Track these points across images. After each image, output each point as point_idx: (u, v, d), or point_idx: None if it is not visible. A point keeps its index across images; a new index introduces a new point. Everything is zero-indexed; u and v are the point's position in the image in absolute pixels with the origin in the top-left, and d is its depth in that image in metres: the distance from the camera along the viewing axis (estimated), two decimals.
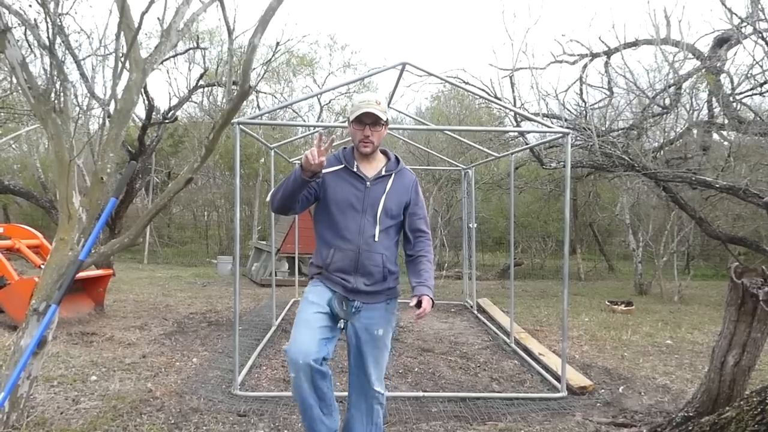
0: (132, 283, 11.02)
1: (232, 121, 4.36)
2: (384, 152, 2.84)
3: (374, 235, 2.66)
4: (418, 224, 2.83)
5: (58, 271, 3.32)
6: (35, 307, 3.32)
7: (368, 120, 2.62)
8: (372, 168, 2.74)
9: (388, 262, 2.72)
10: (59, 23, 3.33)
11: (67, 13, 3.57)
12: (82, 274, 5.95)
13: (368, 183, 2.68)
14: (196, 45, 9.91)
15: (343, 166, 2.70)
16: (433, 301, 2.67)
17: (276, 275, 8.80)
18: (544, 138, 7.57)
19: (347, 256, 2.66)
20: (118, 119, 3.46)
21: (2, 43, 3.18)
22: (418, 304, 2.65)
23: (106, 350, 5.66)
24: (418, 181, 2.87)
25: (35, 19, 3.38)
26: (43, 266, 4.58)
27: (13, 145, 16.68)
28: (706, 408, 3.29)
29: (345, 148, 2.79)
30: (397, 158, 2.83)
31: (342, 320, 2.67)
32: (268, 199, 2.60)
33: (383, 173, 2.72)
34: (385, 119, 2.64)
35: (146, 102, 10.10)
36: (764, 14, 7.68)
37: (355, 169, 2.70)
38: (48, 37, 3.25)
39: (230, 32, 3.65)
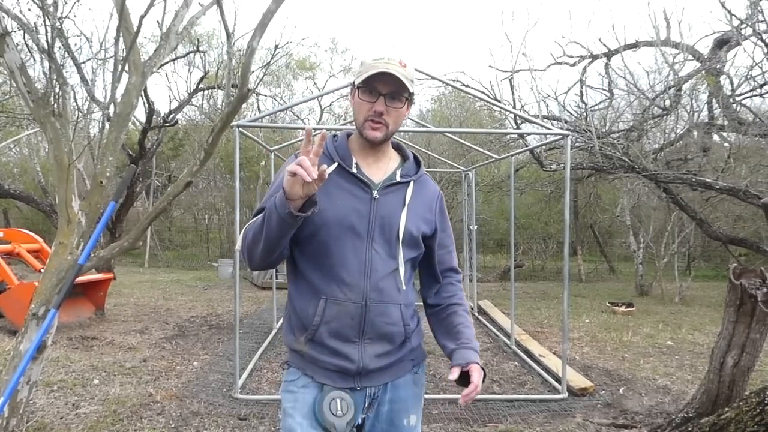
0: (133, 287, 11.02)
1: (232, 124, 4.37)
2: (398, 148, 1.82)
3: (391, 275, 1.66)
4: (449, 261, 1.83)
5: (57, 276, 3.32)
6: (35, 312, 3.32)
7: (385, 88, 1.62)
8: (379, 169, 1.72)
9: (409, 315, 1.72)
10: (59, 27, 3.34)
11: (66, 17, 3.58)
12: (82, 278, 5.97)
13: (375, 192, 1.66)
14: (195, 48, 9.94)
15: (335, 164, 1.67)
16: (485, 371, 1.67)
17: (277, 278, 8.79)
18: (544, 140, 7.57)
19: (346, 311, 1.62)
20: (118, 123, 3.47)
21: (1, 47, 3.19)
22: (464, 379, 1.63)
23: (107, 354, 5.66)
24: (443, 195, 1.87)
25: (35, 23, 3.39)
26: (43, 270, 4.59)
27: (14, 149, 16.72)
28: (706, 409, 3.29)
29: (335, 135, 1.78)
30: (416, 159, 1.81)
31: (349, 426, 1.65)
32: (238, 247, 1.69)
33: (398, 179, 1.70)
34: (411, 91, 1.65)
35: (146, 105, 10.13)
36: (763, 16, 7.69)
37: (353, 170, 1.67)
38: (47, 41, 3.26)
39: (229, 35, 3.66)
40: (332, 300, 1.62)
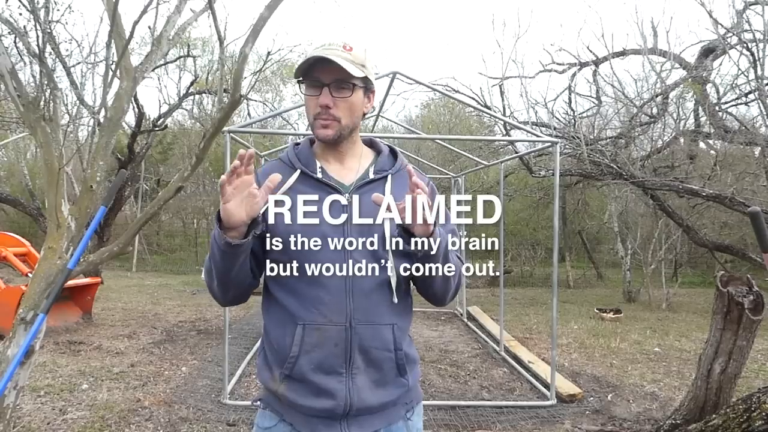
0: (120, 291, 10.94)
1: (223, 129, 4.37)
2: (371, 143, 1.64)
3: (379, 288, 1.45)
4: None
5: (46, 280, 3.30)
6: (23, 317, 3.30)
7: (328, 77, 1.43)
8: (349, 170, 1.53)
9: (403, 338, 1.50)
10: (49, 31, 3.32)
11: (57, 21, 3.57)
12: (69, 282, 5.92)
13: (348, 196, 1.44)
14: (187, 53, 9.91)
15: (297, 172, 1.49)
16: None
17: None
18: (533, 147, 7.63)
19: (328, 336, 1.42)
20: (108, 127, 3.46)
21: None
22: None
23: (94, 359, 5.62)
24: (434, 185, 1.55)
25: (25, 27, 3.38)
26: (30, 274, 4.56)
27: (1, 153, 16.57)
28: (693, 415, 3.32)
29: (297, 144, 1.58)
30: (392, 150, 1.62)
31: None
32: (204, 277, 1.55)
33: (371, 176, 1.51)
34: (360, 76, 1.44)
35: (136, 110, 10.07)
36: (749, 25, 7.81)
37: (318, 175, 1.49)
38: (38, 45, 3.25)
39: (221, 41, 3.66)
40: (311, 325, 1.42)
